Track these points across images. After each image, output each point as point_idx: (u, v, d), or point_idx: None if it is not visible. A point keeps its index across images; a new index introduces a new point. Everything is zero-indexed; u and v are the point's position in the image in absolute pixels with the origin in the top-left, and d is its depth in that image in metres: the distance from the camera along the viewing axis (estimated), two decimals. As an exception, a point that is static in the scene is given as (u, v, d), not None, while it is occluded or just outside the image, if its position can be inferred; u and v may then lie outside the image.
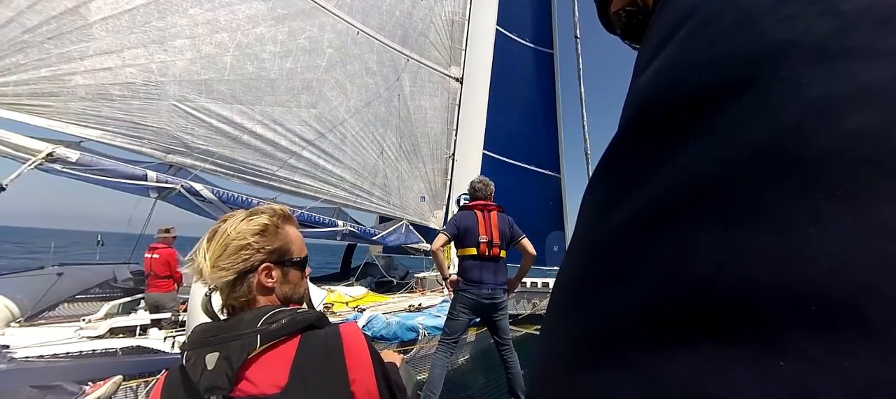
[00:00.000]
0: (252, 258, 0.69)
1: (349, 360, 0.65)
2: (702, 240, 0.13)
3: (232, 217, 0.72)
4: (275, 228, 0.73)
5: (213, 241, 0.68)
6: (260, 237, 0.70)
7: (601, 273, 0.17)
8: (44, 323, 3.22)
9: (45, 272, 4.23)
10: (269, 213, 0.74)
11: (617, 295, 0.15)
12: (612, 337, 0.15)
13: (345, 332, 0.68)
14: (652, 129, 0.18)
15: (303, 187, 5.39)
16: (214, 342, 0.63)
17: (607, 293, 0.16)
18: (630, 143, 0.19)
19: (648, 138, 0.18)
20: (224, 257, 0.67)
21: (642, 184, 0.17)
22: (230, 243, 0.68)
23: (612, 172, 0.20)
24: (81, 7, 3.84)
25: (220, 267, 0.66)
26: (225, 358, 0.61)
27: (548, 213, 9.28)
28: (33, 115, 3.63)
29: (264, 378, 0.61)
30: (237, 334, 0.63)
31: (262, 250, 0.70)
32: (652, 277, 0.14)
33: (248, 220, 0.71)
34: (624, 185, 0.18)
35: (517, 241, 2.92)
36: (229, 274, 0.67)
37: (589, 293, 0.17)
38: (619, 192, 0.18)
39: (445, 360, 2.79)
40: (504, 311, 2.88)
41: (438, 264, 2.93)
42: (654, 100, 0.19)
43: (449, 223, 2.91)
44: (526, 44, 9.80)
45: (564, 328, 0.18)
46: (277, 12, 5.11)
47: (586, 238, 0.19)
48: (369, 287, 5.88)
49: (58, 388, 2.22)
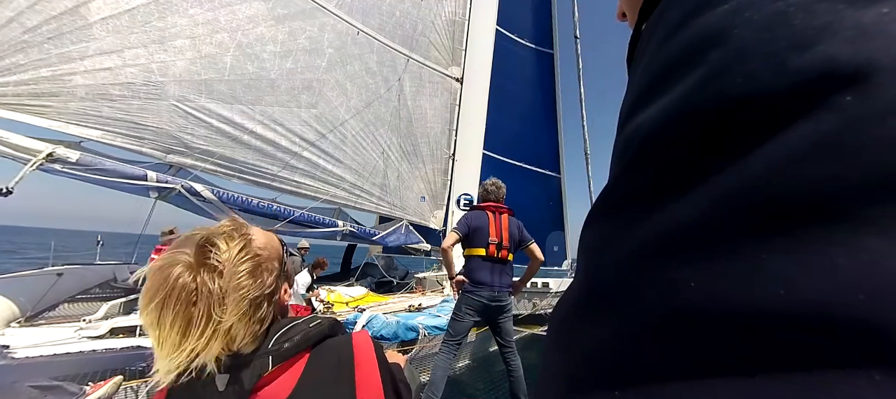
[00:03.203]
0: (268, 281, 0.61)
1: (358, 371, 0.64)
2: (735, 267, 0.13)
3: (209, 252, 0.56)
4: (267, 242, 0.66)
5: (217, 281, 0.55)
6: (263, 258, 0.63)
7: (596, 302, 0.17)
8: (44, 323, 3.22)
9: (45, 272, 4.23)
10: (239, 229, 0.62)
11: (607, 325, 0.15)
12: (604, 364, 0.15)
13: (356, 343, 0.67)
14: (683, 163, 0.16)
15: (303, 187, 5.39)
16: (225, 364, 0.59)
17: (599, 321, 0.16)
18: (641, 174, 0.18)
19: (669, 167, 0.16)
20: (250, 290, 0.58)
21: (669, 207, 0.15)
22: (240, 276, 0.57)
23: (622, 209, 0.18)
24: (81, 7, 3.84)
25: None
26: (236, 380, 0.58)
27: (548, 213, 9.29)
28: (33, 115, 3.63)
29: (273, 393, 0.59)
30: (250, 356, 0.59)
31: (273, 270, 0.64)
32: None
33: (234, 243, 0.59)
34: (637, 219, 0.17)
35: (526, 245, 2.92)
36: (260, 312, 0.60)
37: (582, 321, 0.17)
38: (630, 225, 0.17)
39: (448, 361, 2.77)
40: (509, 313, 2.87)
41: (447, 263, 2.91)
42: (680, 134, 0.16)
43: (460, 222, 2.89)
44: (526, 44, 9.80)
45: (560, 353, 0.18)
46: (277, 12, 5.11)
47: (587, 270, 0.19)
48: (369, 287, 5.88)
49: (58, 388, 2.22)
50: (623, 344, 0.15)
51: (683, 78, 0.17)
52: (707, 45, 0.17)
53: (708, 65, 0.16)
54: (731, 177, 0.14)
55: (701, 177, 0.15)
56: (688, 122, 0.16)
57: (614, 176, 0.19)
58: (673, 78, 0.18)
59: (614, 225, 0.18)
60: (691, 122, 0.16)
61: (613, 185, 0.19)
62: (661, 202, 0.16)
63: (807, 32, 0.14)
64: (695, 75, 0.16)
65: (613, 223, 0.18)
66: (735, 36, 0.16)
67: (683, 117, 0.17)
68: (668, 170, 0.16)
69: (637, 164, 0.18)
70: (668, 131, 0.17)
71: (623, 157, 0.19)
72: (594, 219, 0.20)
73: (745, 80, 0.15)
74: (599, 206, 0.20)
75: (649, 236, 0.16)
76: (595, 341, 0.16)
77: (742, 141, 0.14)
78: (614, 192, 0.19)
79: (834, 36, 0.13)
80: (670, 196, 0.16)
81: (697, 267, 0.13)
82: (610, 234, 0.18)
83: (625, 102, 0.21)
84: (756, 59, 0.15)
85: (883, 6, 0.13)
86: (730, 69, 0.15)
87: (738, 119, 0.14)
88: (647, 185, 0.17)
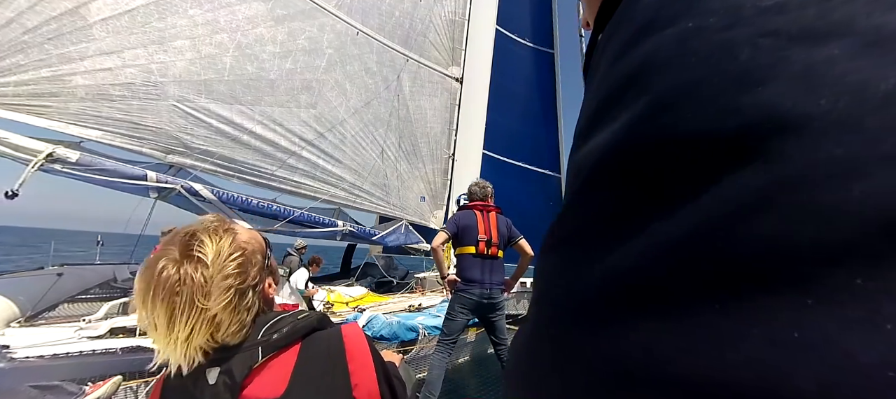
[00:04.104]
0: (252, 273, 0.64)
1: (351, 363, 0.64)
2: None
3: (192, 245, 0.59)
4: (250, 237, 0.68)
5: (201, 270, 0.58)
6: (248, 252, 0.65)
7: (544, 352, 0.16)
8: (44, 323, 3.22)
9: (45, 272, 4.23)
10: (223, 224, 0.65)
11: (555, 378, 0.15)
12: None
13: (347, 335, 0.67)
14: (621, 196, 0.16)
15: (302, 187, 5.39)
16: (214, 357, 0.61)
17: (547, 372, 0.15)
18: (587, 207, 0.17)
19: (614, 202, 0.16)
20: (231, 280, 0.61)
21: (613, 250, 0.15)
22: (225, 267, 0.60)
23: (573, 235, 0.18)
24: (81, 8, 3.84)
25: (226, 297, 0.60)
26: (226, 372, 0.59)
27: (548, 213, 9.27)
28: (33, 115, 3.63)
29: (264, 387, 0.60)
30: (238, 348, 0.61)
31: (256, 263, 0.66)
32: None
33: (218, 236, 0.62)
34: (588, 250, 0.16)
35: (515, 242, 2.95)
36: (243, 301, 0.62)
37: (533, 369, 0.16)
38: (580, 257, 0.16)
39: (444, 360, 2.81)
40: (501, 311, 2.90)
41: (438, 262, 2.95)
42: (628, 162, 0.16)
43: (449, 222, 2.94)
44: (526, 43, 9.79)
45: (522, 391, 0.17)
46: (277, 13, 5.11)
47: (539, 309, 0.18)
48: (369, 287, 5.88)
49: (58, 388, 2.22)
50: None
51: (628, 106, 0.16)
52: (653, 73, 0.16)
53: (651, 95, 0.15)
54: (671, 227, 0.13)
55: (642, 222, 0.14)
56: (631, 156, 0.16)
57: (565, 203, 0.19)
58: (619, 105, 0.17)
59: (563, 261, 0.17)
60: (634, 156, 0.15)
61: (562, 216, 0.19)
62: (605, 244, 0.15)
63: (752, 72, 0.13)
64: (639, 105, 0.16)
65: (562, 259, 0.18)
66: (679, 65, 0.15)
67: (626, 151, 0.16)
68: (612, 207, 0.16)
69: (584, 196, 0.18)
70: (612, 165, 0.16)
71: (574, 183, 0.19)
72: (545, 249, 0.19)
73: (687, 119, 0.14)
74: (550, 235, 0.19)
75: (592, 283, 0.15)
76: (547, 392, 0.15)
77: (682, 186, 0.13)
78: (562, 225, 0.18)
79: (776, 79, 0.12)
80: (613, 238, 0.15)
81: (635, 325, 0.13)
82: (558, 271, 0.18)
83: (579, 120, 0.21)
84: (698, 97, 0.14)
85: (832, 47, 0.12)
86: (674, 104, 0.14)
87: (678, 160, 0.14)
88: (591, 220, 0.17)
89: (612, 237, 0.15)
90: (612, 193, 0.16)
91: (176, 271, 0.57)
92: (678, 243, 0.13)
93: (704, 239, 0.12)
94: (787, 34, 0.13)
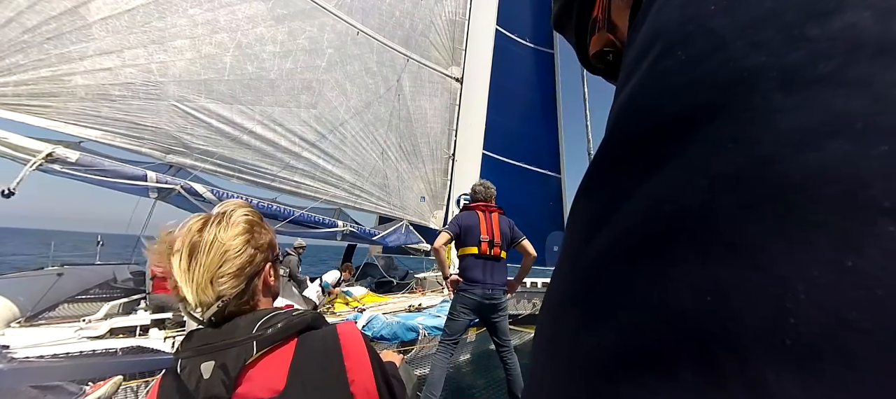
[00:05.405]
0: (256, 259, 0.67)
1: (348, 360, 0.64)
2: (678, 274, 0.13)
3: (200, 225, 0.65)
4: (259, 223, 0.70)
5: (202, 254, 0.62)
6: (254, 236, 0.67)
7: (582, 305, 0.17)
8: (44, 323, 3.22)
9: (45, 272, 4.23)
10: (241, 209, 0.69)
11: (597, 330, 0.15)
12: (594, 371, 0.15)
13: (342, 333, 0.67)
14: (623, 157, 0.18)
15: (303, 187, 5.39)
16: (209, 350, 0.61)
17: (588, 326, 0.16)
18: (606, 169, 0.19)
19: (621, 165, 0.18)
20: (228, 266, 0.63)
21: (618, 212, 0.16)
22: (229, 249, 0.63)
23: (592, 195, 0.19)
24: (81, 7, 3.84)
25: (227, 276, 0.63)
26: (221, 366, 0.59)
27: (548, 213, 9.27)
28: (33, 115, 3.63)
29: (262, 383, 0.60)
30: (233, 342, 0.61)
31: (261, 249, 0.68)
32: (629, 314, 0.14)
33: (230, 224, 0.66)
34: (603, 211, 0.17)
35: (518, 243, 2.94)
36: (240, 282, 0.64)
37: (570, 326, 0.17)
38: (599, 216, 0.17)
39: (446, 360, 2.80)
40: (504, 311, 2.89)
41: (440, 262, 2.94)
42: (625, 125, 0.18)
43: (451, 222, 2.94)
44: (526, 44, 9.79)
45: (549, 356, 0.18)
46: (277, 12, 5.10)
47: (571, 262, 0.19)
48: (369, 287, 5.89)
49: (58, 388, 2.23)
50: (614, 345, 0.14)
51: (634, 75, 0.18)
52: (655, 42, 0.18)
53: (651, 61, 0.17)
54: (656, 187, 0.15)
55: (637, 182, 0.16)
56: (632, 117, 0.18)
57: (597, 151, 0.21)
58: (631, 72, 0.19)
59: (589, 210, 0.19)
60: (635, 118, 0.17)
61: (592, 165, 0.20)
62: (614, 201, 0.17)
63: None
64: (642, 68, 0.18)
65: (588, 205, 0.19)
66: (686, 39, 0.17)
67: (628, 112, 0.18)
68: (620, 165, 0.18)
69: (602, 151, 0.19)
70: (618, 124, 0.19)
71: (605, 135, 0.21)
72: (580, 194, 0.21)
73: (675, 91, 0.16)
74: (584, 181, 0.21)
75: (610, 238, 0.16)
76: (585, 344, 0.16)
77: (667, 149, 0.15)
78: (591, 175, 0.20)
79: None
80: (620, 197, 0.17)
81: (652, 268, 0.14)
82: (585, 220, 0.19)
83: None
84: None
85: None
86: (667, 71, 0.16)
87: (667, 126, 0.16)
88: (606, 175, 0.19)
89: (619, 197, 0.17)
90: (618, 154, 0.18)
91: (198, 231, 0.64)
92: (658, 201, 0.15)
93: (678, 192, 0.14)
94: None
